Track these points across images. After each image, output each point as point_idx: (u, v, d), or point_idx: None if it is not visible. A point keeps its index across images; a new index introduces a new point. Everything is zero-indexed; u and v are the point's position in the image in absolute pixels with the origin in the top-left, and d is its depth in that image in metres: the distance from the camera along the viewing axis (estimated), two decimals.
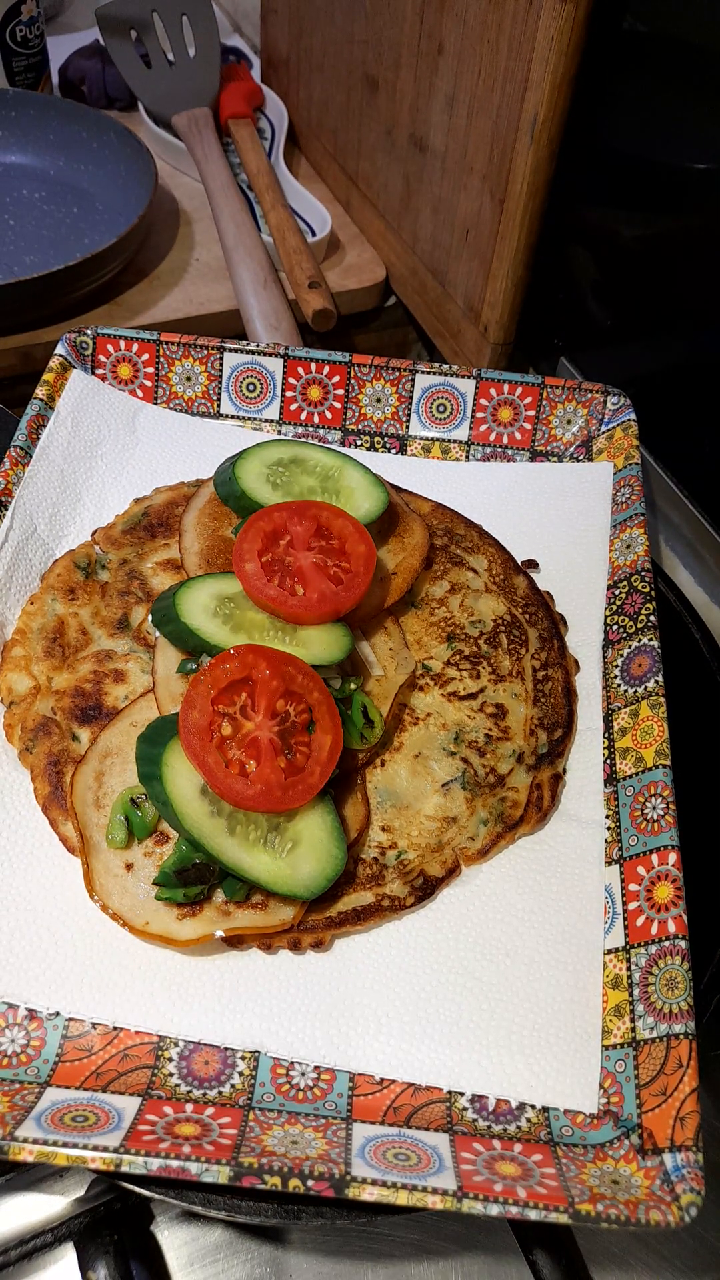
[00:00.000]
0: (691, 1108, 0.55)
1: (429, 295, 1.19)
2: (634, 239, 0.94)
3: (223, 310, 1.20)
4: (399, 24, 1.08)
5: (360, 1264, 0.67)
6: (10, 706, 0.74)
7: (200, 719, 0.66)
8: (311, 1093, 0.60)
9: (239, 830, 0.65)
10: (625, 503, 0.89)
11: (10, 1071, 0.59)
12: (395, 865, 0.69)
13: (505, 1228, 0.67)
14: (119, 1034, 0.62)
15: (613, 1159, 0.57)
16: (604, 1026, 0.63)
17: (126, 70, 1.37)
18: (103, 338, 0.96)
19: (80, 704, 0.74)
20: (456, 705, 0.77)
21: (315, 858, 0.65)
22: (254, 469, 0.84)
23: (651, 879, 0.66)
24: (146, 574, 0.83)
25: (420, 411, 0.98)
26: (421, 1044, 0.62)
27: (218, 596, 0.76)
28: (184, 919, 0.64)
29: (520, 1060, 0.61)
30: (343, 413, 0.98)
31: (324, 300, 1.15)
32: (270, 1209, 0.57)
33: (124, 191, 1.27)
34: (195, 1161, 0.52)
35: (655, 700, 0.74)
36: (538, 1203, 0.51)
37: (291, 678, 0.69)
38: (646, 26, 0.84)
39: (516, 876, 0.69)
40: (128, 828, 0.67)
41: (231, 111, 1.40)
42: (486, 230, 1.02)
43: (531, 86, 0.89)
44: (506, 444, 0.97)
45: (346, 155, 1.32)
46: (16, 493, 0.83)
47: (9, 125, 1.33)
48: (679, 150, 0.84)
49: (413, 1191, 0.51)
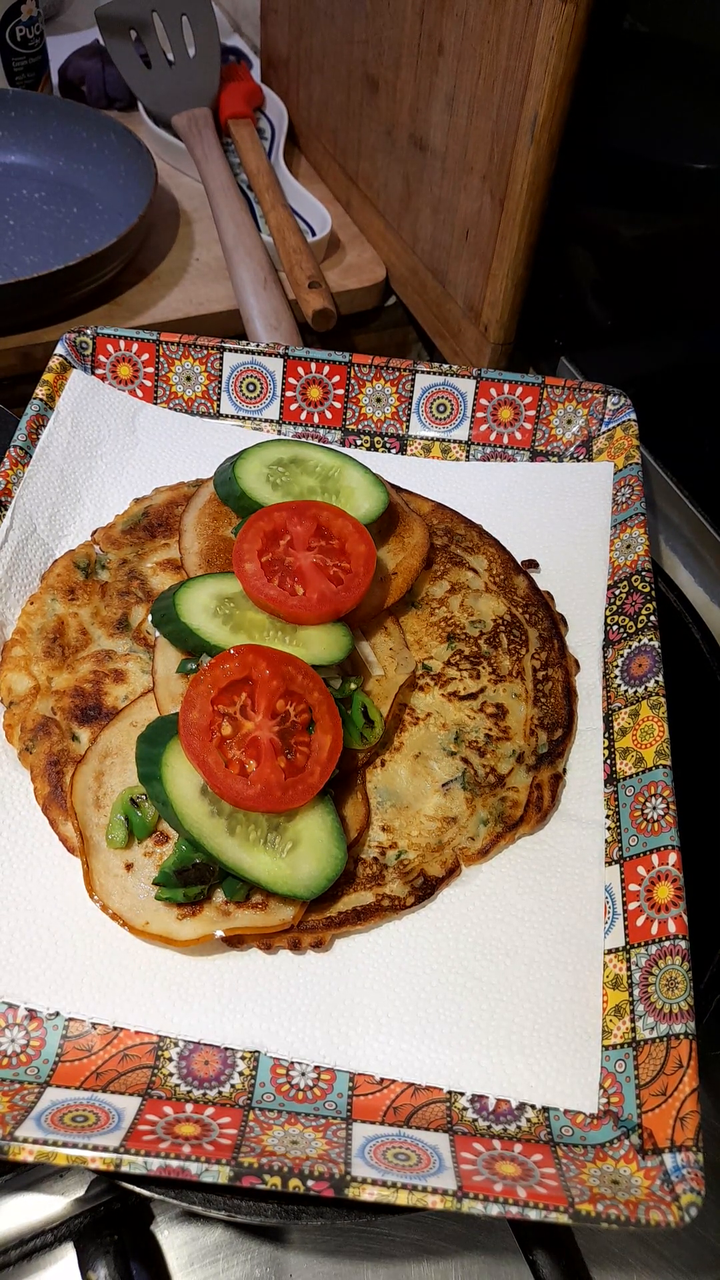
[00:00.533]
0: (691, 1108, 0.55)
1: (429, 295, 1.19)
2: (634, 239, 0.94)
3: (223, 310, 1.20)
4: (399, 24, 1.08)
5: (360, 1264, 0.67)
6: (10, 706, 0.74)
7: (200, 719, 0.66)
8: (311, 1093, 0.60)
9: (239, 830, 0.65)
10: (625, 503, 0.89)
11: (10, 1071, 0.59)
12: (395, 865, 0.69)
13: (505, 1228, 0.67)
14: (119, 1034, 0.62)
15: (613, 1159, 0.57)
16: (604, 1026, 0.63)
17: (126, 70, 1.37)
18: (103, 338, 0.96)
19: (80, 704, 0.74)
20: (456, 705, 0.77)
21: (315, 858, 0.65)
22: (254, 469, 0.84)
23: (652, 879, 0.66)
24: (146, 574, 0.83)
25: (420, 411, 0.98)
26: (421, 1044, 0.62)
27: (218, 596, 0.76)
28: (184, 919, 0.64)
29: (520, 1060, 0.61)
30: (343, 413, 0.98)
31: (324, 300, 1.15)
32: (270, 1209, 0.57)
33: (124, 191, 1.27)
34: (195, 1161, 0.52)
35: (655, 700, 0.74)
36: (538, 1203, 0.51)
37: (291, 678, 0.69)
38: (646, 26, 0.84)
39: (516, 876, 0.69)
40: (128, 828, 0.67)
41: (231, 111, 1.40)
42: (486, 230, 1.02)
43: (531, 86, 0.89)
44: (507, 444, 0.97)
45: (346, 155, 1.32)
46: (16, 493, 0.83)
47: (9, 125, 1.33)
48: (679, 150, 0.84)
49: (413, 1191, 0.51)
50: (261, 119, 1.46)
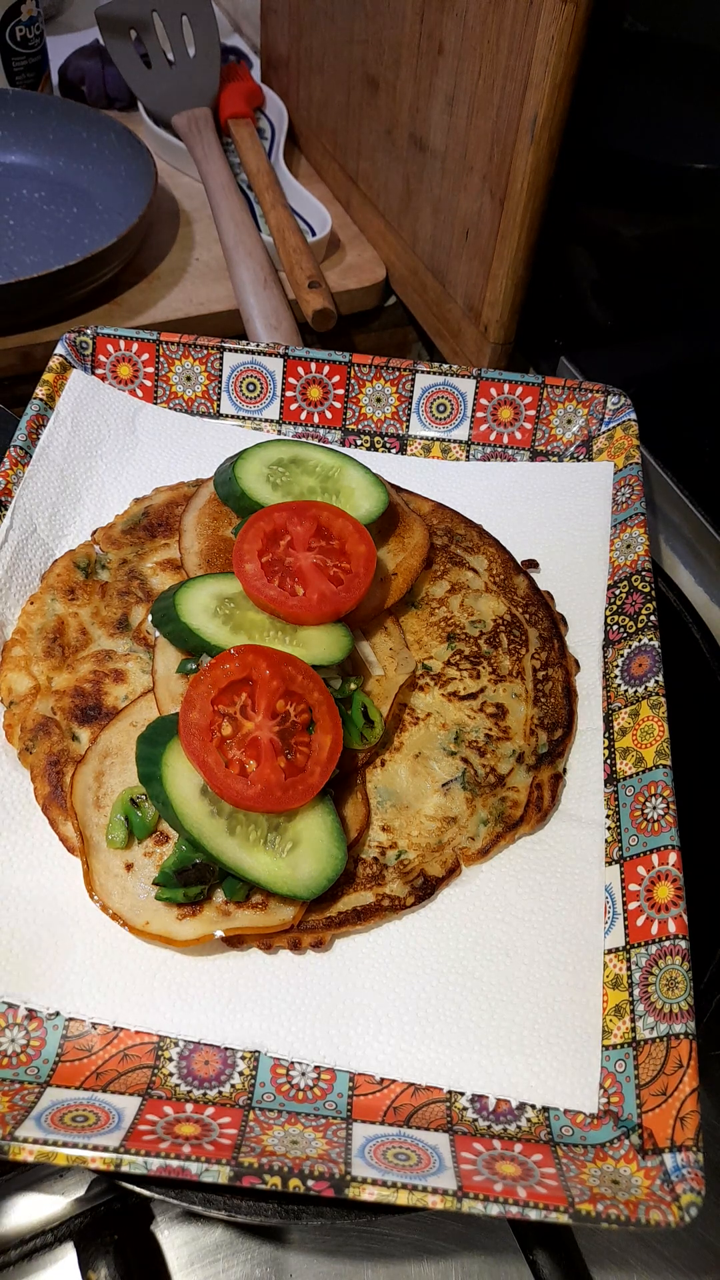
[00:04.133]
0: (692, 1108, 0.55)
1: (429, 295, 1.19)
2: (634, 239, 0.93)
3: (223, 310, 1.20)
4: (399, 24, 1.08)
5: (360, 1264, 0.67)
6: (10, 706, 0.74)
7: (200, 719, 0.66)
8: (311, 1093, 0.60)
9: (239, 830, 0.65)
10: (625, 502, 0.89)
11: (10, 1071, 0.59)
12: (395, 865, 0.69)
13: (505, 1228, 0.67)
14: (119, 1034, 0.62)
15: (613, 1159, 0.57)
16: (604, 1026, 0.63)
17: (126, 70, 1.37)
18: (103, 338, 0.96)
19: (80, 704, 0.74)
20: (457, 705, 0.77)
21: (315, 858, 0.65)
22: (254, 469, 0.84)
23: (652, 879, 0.66)
24: (146, 574, 0.83)
25: (420, 411, 0.98)
26: (421, 1044, 0.62)
27: (218, 597, 0.76)
28: (184, 919, 0.64)
29: (520, 1060, 0.61)
30: (343, 412, 0.98)
31: (324, 300, 1.15)
32: (270, 1209, 0.57)
33: (124, 191, 1.27)
34: (195, 1161, 0.52)
35: (655, 700, 0.74)
36: (538, 1203, 0.51)
37: (291, 678, 0.69)
38: (646, 26, 0.84)
39: (516, 876, 0.69)
40: (128, 828, 0.67)
41: (231, 111, 1.40)
42: (487, 230, 1.02)
43: (531, 86, 0.89)
44: (507, 444, 0.97)
45: (346, 155, 1.32)
46: (16, 493, 0.83)
47: (9, 125, 1.33)
48: (679, 150, 0.84)
49: (413, 1191, 0.51)
50: (261, 119, 1.46)
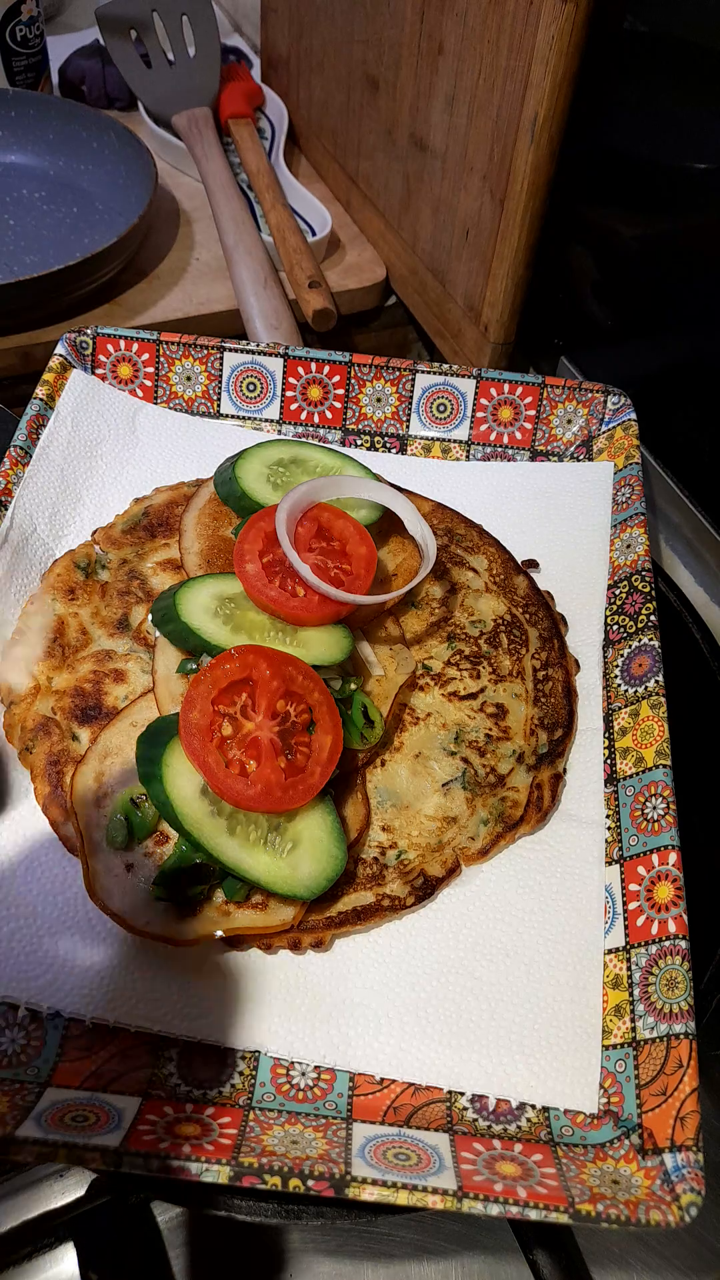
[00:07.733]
0: (692, 1108, 0.55)
1: (429, 295, 1.19)
2: (634, 239, 0.93)
3: (223, 310, 1.20)
4: (399, 24, 1.08)
5: (360, 1264, 0.67)
6: (10, 706, 0.74)
7: (200, 719, 0.66)
8: (311, 1093, 0.60)
9: (239, 830, 0.65)
10: (625, 502, 0.89)
11: (10, 1071, 0.59)
12: (395, 865, 0.69)
13: (505, 1228, 0.67)
14: (119, 1034, 0.62)
15: (613, 1159, 0.57)
16: (604, 1026, 0.63)
17: (126, 70, 1.37)
18: (103, 337, 0.96)
19: (80, 704, 0.74)
20: (457, 705, 0.77)
21: (315, 858, 0.65)
22: (254, 469, 0.84)
23: (652, 879, 0.66)
24: (146, 574, 0.83)
25: (420, 411, 0.98)
26: (421, 1044, 0.62)
27: (218, 597, 0.76)
28: (184, 919, 0.64)
29: (520, 1060, 0.61)
30: (343, 412, 0.98)
31: (324, 300, 1.15)
32: (270, 1209, 0.57)
33: (124, 191, 1.27)
34: (195, 1161, 0.52)
35: (655, 700, 0.74)
36: (538, 1203, 0.51)
37: (292, 678, 0.69)
38: (646, 26, 0.84)
39: (517, 876, 0.69)
40: (128, 828, 0.67)
41: (231, 111, 1.40)
42: (487, 230, 1.02)
43: (532, 86, 0.89)
44: (507, 444, 0.97)
45: (346, 155, 1.32)
46: (16, 493, 0.83)
47: (9, 125, 1.33)
48: (679, 150, 0.84)
49: (413, 1191, 0.51)
50: (261, 119, 1.45)
